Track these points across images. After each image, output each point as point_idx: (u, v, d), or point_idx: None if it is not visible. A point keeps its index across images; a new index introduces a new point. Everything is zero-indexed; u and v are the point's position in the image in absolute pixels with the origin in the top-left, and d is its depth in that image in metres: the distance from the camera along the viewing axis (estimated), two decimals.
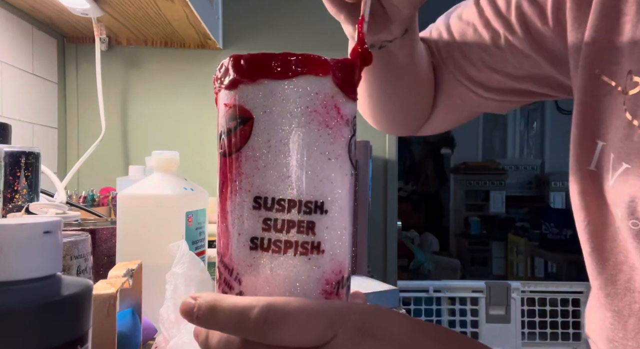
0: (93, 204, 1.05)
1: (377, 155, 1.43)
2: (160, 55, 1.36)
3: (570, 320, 2.03)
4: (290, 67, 0.29)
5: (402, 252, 2.72)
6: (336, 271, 0.30)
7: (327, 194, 0.29)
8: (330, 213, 0.29)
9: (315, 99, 0.29)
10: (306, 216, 0.29)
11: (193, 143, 1.35)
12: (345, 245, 0.30)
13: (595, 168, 0.44)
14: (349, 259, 0.31)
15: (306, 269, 0.29)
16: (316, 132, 0.29)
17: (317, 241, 0.29)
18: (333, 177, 0.29)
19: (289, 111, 0.28)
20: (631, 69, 0.40)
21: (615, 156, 0.41)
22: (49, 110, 1.27)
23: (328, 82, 0.29)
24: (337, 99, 0.29)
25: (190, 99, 1.37)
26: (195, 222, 0.64)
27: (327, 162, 0.29)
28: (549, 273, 3.47)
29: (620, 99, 0.41)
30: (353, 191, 0.31)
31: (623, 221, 0.42)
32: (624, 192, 0.41)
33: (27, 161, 0.74)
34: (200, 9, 1.12)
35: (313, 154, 0.29)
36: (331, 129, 0.29)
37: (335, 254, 0.30)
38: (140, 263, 0.51)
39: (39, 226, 0.27)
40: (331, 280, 0.29)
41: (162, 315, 0.49)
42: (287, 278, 0.29)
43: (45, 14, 1.16)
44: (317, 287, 0.29)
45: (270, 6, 1.41)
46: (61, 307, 0.27)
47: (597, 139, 0.43)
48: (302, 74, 0.29)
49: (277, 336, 0.25)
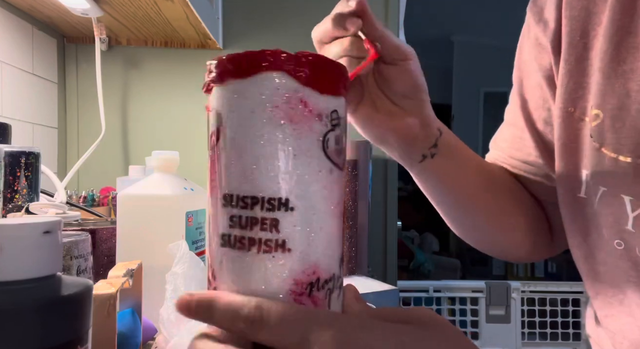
0: (93, 204, 1.05)
1: (377, 155, 1.43)
2: (160, 55, 1.36)
3: (570, 320, 2.03)
4: (249, 66, 0.29)
5: (402, 253, 2.72)
6: (308, 271, 0.29)
7: (294, 191, 0.28)
8: (298, 211, 0.28)
9: (275, 95, 0.28)
10: (269, 213, 0.28)
11: (193, 143, 1.35)
12: (320, 245, 0.29)
13: (585, 195, 0.48)
14: (333, 261, 0.30)
15: (270, 268, 0.28)
16: (279, 128, 0.28)
17: (282, 239, 0.28)
18: (300, 173, 0.28)
19: (250, 109, 0.28)
20: (593, 103, 0.46)
21: (593, 182, 0.46)
22: (49, 110, 1.27)
23: (288, 78, 0.29)
24: (303, 93, 0.29)
25: (190, 99, 1.37)
26: (195, 222, 0.64)
27: (293, 159, 0.28)
28: (549, 273, 3.47)
29: (587, 130, 0.47)
30: (338, 189, 0.30)
31: (609, 242, 0.46)
32: (606, 213, 0.45)
33: (27, 161, 0.74)
34: (200, 9, 1.12)
35: (276, 150, 0.28)
36: (296, 124, 0.28)
37: (306, 254, 0.28)
38: (140, 263, 0.51)
39: (39, 226, 0.27)
40: (301, 281, 0.28)
41: (162, 315, 0.49)
42: (252, 275, 0.28)
43: (45, 14, 1.16)
44: (283, 287, 0.28)
45: (270, 6, 1.41)
46: (61, 307, 0.27)
47: (582, 168, 0.48)
48: (261, 71, 0.28)
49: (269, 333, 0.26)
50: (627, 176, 0.43)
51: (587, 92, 0.47)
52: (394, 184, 1.48)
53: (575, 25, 0.49)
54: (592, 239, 0.49)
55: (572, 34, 0.49)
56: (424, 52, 0.76)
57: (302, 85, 0.29)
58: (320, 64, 0.30)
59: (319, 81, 0.29)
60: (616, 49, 0.45)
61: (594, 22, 0.47)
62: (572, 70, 0.49)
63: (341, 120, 0.30)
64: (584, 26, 0.48)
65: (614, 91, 0.44)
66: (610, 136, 0.44)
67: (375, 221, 1.43)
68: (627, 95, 0.43)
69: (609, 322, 0.50)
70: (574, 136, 0.49)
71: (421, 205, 4.18)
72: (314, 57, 0.29)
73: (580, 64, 0.48)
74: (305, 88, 0.29)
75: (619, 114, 0.44)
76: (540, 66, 0.54)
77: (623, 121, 0.43)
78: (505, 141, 0.61)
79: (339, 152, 0.30)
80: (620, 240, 0.45)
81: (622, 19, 0.44)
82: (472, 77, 4.35)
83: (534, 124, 0.57)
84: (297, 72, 0.29)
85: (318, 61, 0.29)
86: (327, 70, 0.30)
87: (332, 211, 0.30)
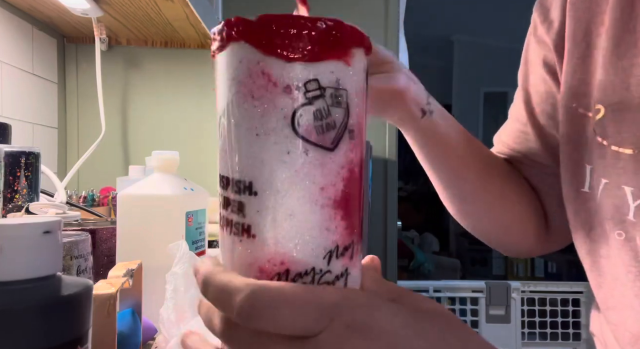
0: (93, 204, 1.05)
1: (377, 155, 1.43)
2: (160, 55, 1.36)
3: (570, 320, 2.03)
4: (222, 38, 0.27)
5: (402, 253, 2.72)
6: (274, 261, 0.26)
7: (257, 174, 0.26)
8: (261, 196, 0.26)
9: (238, 69, 0.26)
10: (237, 196, 0.27)
11: (193, 143, 1.35)
12: (290, 234, 0.26)
13: (588, 189, 0.49)
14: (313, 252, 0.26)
15: (239, 251, 0.27)
16: (242, 104, 0.26)
17: (247, 223, 0.26)
18: (263, 155, 0.26)
19: (224, 85, 0.27)
20: (595, 99, 0.48)
21: (597, 175, 0.48)
22: (49, 110, 1.27)
23: (250, 48, 0.25)
24: (264, 64, 0.25)
25: (190, 99, 1.37)
26: (195, 222, 0.64)
27: (255, 139, 0.26)
28: (549, 273, 3.47)
29: (590, 125, 0.48)
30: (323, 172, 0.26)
31: (611, 233, 0.47)
32: (607, 204, 0.47)
33: (27, 161, 0.74)
34: (200, 9, 1.12)
35: (240, 129, 0.26)
36: (258, 100, 0.25)
37: (271, 242, 0.26)
38: (140, 263, 0.51)
39: (39, 226, 0.27)
40: (267, 270, 0.26)
41: (162, 315, 0.49)
42: (229, 256, 0.28)
43: (45, 14, 1.16)
44: (249, 273, 0.26)
45: (270, 6, 1.41)
46: (61, 307, 0.27)
47: (585, 163, 0.49)
48: (229, 42, 0.26)
49: (262, 323, 0.24)
50: (628, 167, 0.45)
51: (591, 89, 0.49)
52: (394, 184, 1.48)
53: (579, 25, 0.50)
54: (595, 233, 0.49)
55: (575, 33, 0.51)
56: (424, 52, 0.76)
57: (264, 54, 0.25)
58: (287, 26, 0.25)
59: (285, 47, 0.25)
60: (616, 46, 0.46)
61: (597, 22, 0.49)
62: (576, 68, 0.50)
63: (327, 90, 0.26)
64: (587, 26, 0.50)
65: (614, 86, 0.46)
66: (611, 129, 0.46)
67: (375, 221, 1.43)
68: (627, 89, 0.45)
69: (610, 314, 0.51)
70: (578, 131, 0.50)
71: (421, 205, 4.21)
72: (275, 19, 0.25)
73: (583, 62, 0.50)
74: (267, 57, 0.25)
75: (620, 108, 0.45)
76: (545, 63, 0.56)
77: (623, 114, 0.45)
78: (508, 135, 0.63)
79: (322, 128, 0.26)
80: (621, 230, 0.46)
81: (622, 18, 0.46)
82: (472, 77, 4.36)
83: (536, 118, 0.58)
84: (255, 39, 0.25)
85: (284, 23, 0.25)
86: (297, 33, 0.25)
87: (310, 197, 0.26)
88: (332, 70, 0.26)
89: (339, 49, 0.26)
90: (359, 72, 0.27)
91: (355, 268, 0.28)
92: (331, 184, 0.26)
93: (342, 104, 0.26)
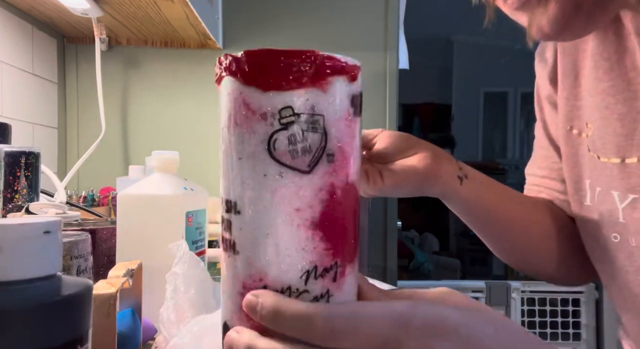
0: (93, 204, 1.05)
1: None
2: (160, 55, 1.36)
3: (570, 320, 2.03)
4: (217, 74, 0.30)
5: (402, 253, 2.72)
6: (254, 277, 0.28)
7: (240, 194, 0.29)
8: (243, 215, 0.28)
9: (227, 100, 0.29)
10: (227, 214, 0.30)
11: (193, 143, 1.35)
12: (267, 252, 0.28)
13: (590, 203, 0.54)
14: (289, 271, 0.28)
15: (227, 265, 0.30)
16: (230, 131, 0.29)
17: (233, 240, 0.29)
18: (243, 177, 0.28)
19: (221, 114, 0.30)
20: (586, 119, 0.55)
21: (593, 186, 0.54)
22: (49, 110, 1.27)
23: (233, 80, 0.29)
24: (245, 94, 0.28)
25: (190, 99, 1.37)
26: (195, 222, 0.64)
27: (238, 162, 0.28)
28: None
29: (585, 143, 0.55)
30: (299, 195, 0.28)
31: (609, 237, 0.52)
32: (603, 209, 0.52)
33: (27, 161, 0.74)
34: (200, 8, 1.12)
35: (227, 153, 0.29)
36: (240, 127, 0.28)
37: (252, 260, 0.28)
38: (140, 263, 0.51)
39: (39, 226, 0.27)
40: (249, 286, 0.28)
41: (162, 315, 0.49)
42: (224, 271, 0.30)
43: (45, 14, 1.16)
44: (234, 287, 0.29)
45: (270, 6, 1.41)
46: (61, 307, 0.27)
47: (585, 179, 0.55)
48: (222, 77, 0.30)
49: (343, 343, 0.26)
50: (614, 174, 0.50)
51: (582, 113, 0.56)
52: None
53: (568, 60, 0.58)
54: (600, 243, 0.53)
55: (565, 67, 0.58)
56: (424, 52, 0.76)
57: (243, 85, 0.28)
58: (261, 59, 0.28)
59: (260, 78, 0.28)
60: (596, 72, 0.53)
61: (582, 56, 0.56)
62: (569, 96, 0.58)
63: (301, 116, 0.27)
64: (574, 60, 0.57)
65: (597, 106, 0.52)
66: (598, 142, 0.52)
67: (375, 221, 1.43)
68: (606, 107, 0.51)
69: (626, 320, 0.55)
70: (575, 150, 0.57)
71: (421, 205, 4.20)
72: (254, 53, 0.28)
73: (573, 90, 0.57)
74: (246, 87, 0.28)
75: (602, 124, 0.52)
76: (548, 96, 0.64)
77: (606, 128, 0.51)
78: (535, 162, 0.68)
79: (297, 152, 0.28)
80: (615, 233, 0.51)
81: (597, 48, 0.53)
82: (472, 77, 4.35)
83: (554, 142, 0.64)
84: (238, 72, 0.28)
85: (258, 57, 0.28)
86: (271, 65, 0.28)
87: (285, 218, 0.28)
88: (307, 98, 0.28)
89: (313, 78, 0.28)
90: (340, 98, 0.29)
91: (339, 290, 0.29)
92: (308, 205, 0.28)
93: (319, 128, 0.28)
